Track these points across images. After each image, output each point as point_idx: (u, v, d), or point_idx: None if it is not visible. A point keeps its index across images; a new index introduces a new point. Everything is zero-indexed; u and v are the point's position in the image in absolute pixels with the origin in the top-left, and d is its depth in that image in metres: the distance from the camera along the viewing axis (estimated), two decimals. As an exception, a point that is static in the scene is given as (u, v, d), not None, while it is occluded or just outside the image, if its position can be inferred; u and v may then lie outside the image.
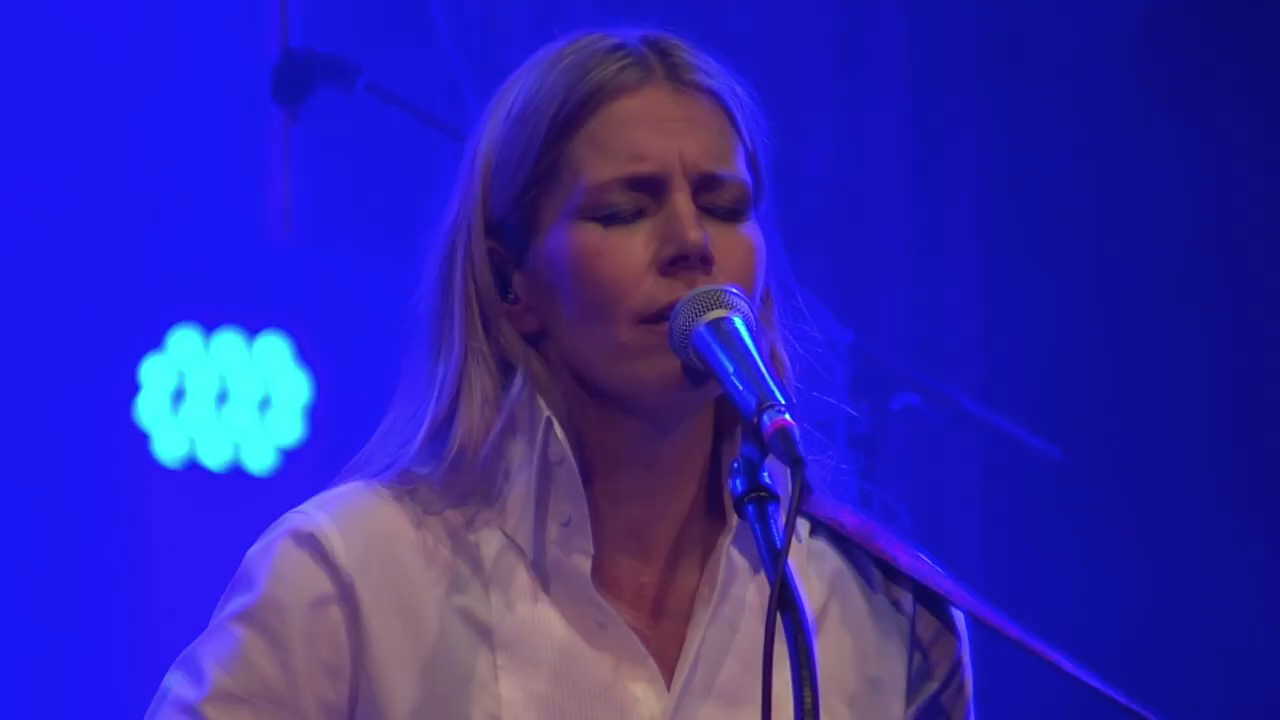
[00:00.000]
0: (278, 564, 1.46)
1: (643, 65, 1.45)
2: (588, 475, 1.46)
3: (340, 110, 3.51)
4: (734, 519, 1.45)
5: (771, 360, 1.43)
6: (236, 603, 1.46)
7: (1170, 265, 4.63)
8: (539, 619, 1.45)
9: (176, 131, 3.89)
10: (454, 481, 1.46)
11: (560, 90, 1.44)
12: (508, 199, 1.47)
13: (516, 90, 1.49)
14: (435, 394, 1.47)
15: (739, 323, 1.38)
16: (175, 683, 1.46)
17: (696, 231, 1.40)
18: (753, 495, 1.30)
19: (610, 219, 1.42)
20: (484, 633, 1.44)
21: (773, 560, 1.25)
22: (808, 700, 1.23)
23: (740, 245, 1.44)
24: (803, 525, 1.53)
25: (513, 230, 1.47)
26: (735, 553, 1.47)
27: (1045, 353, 4.62)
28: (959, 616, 1.53)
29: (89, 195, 3.86)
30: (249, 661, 1.44)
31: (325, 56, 3.29)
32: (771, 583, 1.25)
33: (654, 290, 1.40)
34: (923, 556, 1.53)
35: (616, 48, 1.46)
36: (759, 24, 4.48)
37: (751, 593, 1.49)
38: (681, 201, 1.42)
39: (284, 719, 1.44)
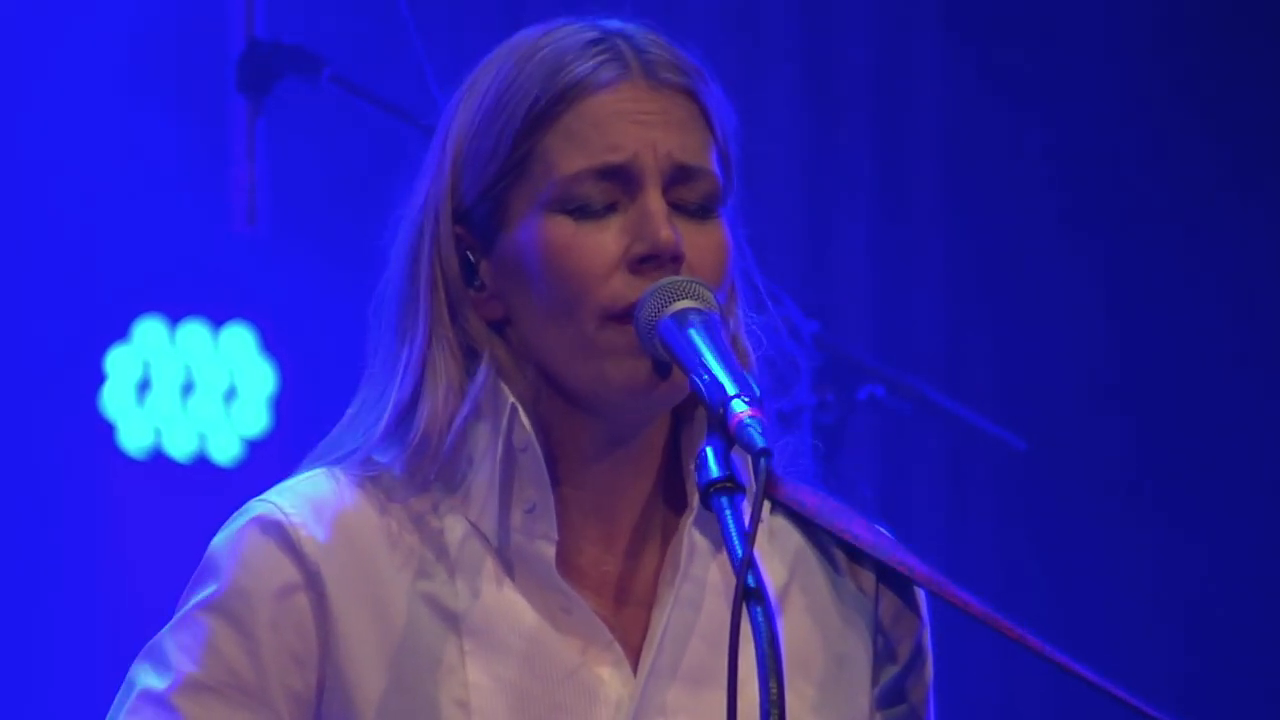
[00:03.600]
0: (244, 553, 1.44)
1: (620, 61, 1.43)
2: (551, 461, 1.45)
3: (305, 102, 3.50)
4: (694, 499, 1.45)
5: (733, 349, 1.41)
6: (203, 593, 1.45)
7: (1132, 257, 4.66)
8: (505, 605, 1.44)
9: (141, 123, 3.88)
10: (418, 468, 1.45)
11: (536, 83, 1.43)
12: (478, 187, 1.45)
13: (490, 78, 1.46)
14: (399, 379, 1.45)
15: (705, 313, 1.37)
16: (142, 673, 1.44)
17: (668, 230, 1.39)
18: (719, 486, 1.29)
19: (581, 212, 1.41)
20: (451, 619, 1.43)
21: (740, 549, 1.25)
22: (774, 691, 1.22)
23: (710, 243, 1.43)
24: (764, 505, 1.47)
25: (482, 218, 1.46)
26: (696, 533, 1.47)
27: (1010, 344, 4.64)
28: (922, 598, 1.53)
29: (56, 187, 3.85)
30: (217, 651, 1.43)
31: (290, 48, 3.28)
32: (737, 574, 1.24)
33: (622, 287, 1.40)
34: (885, 534, 1.51)
35: (593, 42, 1.44)
36: (726, 20, 4.49)
37: (714, 572, 1.48)
38: (654, 199, 1.40)
39: (253, 708, 1.42)
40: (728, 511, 1.27)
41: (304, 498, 1.46)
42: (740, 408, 1.29)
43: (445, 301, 1.46)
